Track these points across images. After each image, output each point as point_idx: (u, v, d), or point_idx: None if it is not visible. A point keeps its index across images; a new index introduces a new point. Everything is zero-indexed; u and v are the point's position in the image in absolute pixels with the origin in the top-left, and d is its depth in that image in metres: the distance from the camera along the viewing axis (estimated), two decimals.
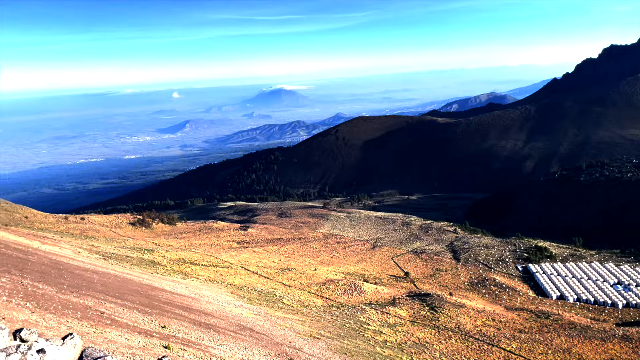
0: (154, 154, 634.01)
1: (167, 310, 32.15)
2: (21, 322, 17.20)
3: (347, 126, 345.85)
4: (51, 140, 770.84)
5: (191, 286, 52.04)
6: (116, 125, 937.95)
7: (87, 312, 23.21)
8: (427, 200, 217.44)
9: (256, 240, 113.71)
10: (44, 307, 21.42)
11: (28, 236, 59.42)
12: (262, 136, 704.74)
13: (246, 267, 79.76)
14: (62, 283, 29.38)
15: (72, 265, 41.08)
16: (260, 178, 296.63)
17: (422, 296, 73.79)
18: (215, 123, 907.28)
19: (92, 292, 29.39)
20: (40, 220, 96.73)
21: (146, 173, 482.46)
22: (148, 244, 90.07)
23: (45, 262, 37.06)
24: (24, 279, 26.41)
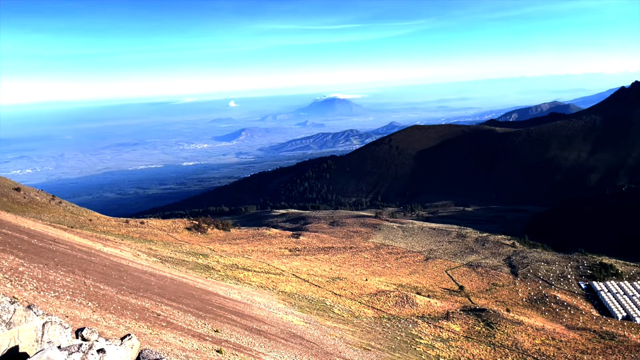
0: (211, 161, 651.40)
1: (220, 315, 32.68)
2: (83, 321, 17.89)
3: (401, 135, 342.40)
4: (115, 147, 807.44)
5: (243, 292, 52.76)
6: (175, 132, 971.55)
7: (144, 314, 23.91)
8: (483, 212, 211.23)
9: (307, 248, 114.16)
10: (105, 307, 22.24)
11: (91, 238, 62.25)
12: (315, 144, 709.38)
13: (297, 274, 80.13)
14: (122, 284, 30.48)
15: (132, 267, 42.62)
16: (312, 186, 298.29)
17: (478, 311, 71.48)
18: (270, 131, 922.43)
19: (150, 294, 30.31)
20: (102, 223, 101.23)
21: (203, 179, 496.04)
22: (203, 249, 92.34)
23: (106, 263, 38.62)
24: (87, 279, 27.58)
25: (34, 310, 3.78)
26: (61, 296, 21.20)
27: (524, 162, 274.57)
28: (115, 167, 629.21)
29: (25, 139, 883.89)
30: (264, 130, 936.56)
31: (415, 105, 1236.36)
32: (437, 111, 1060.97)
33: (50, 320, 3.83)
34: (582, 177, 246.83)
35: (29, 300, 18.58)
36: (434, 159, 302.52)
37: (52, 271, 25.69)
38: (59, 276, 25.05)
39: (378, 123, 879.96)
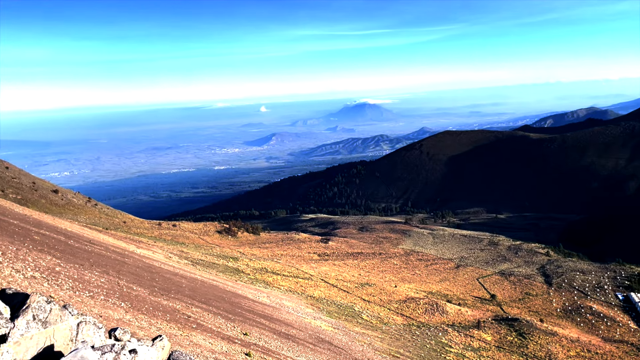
0: (242, 165, 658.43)
1: (249, 318, 32.89)
2: (116, 321, 18.26)
3: (432, 140, 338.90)
4: (149, 151, 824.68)
5: (272, 295, 52.99)
6: (207, 137, 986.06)
7: (175, 315, 24.26)
8: (516, 220, 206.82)
9: (336, 253, 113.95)
10: (137, 307, 22.66)
11: (125, 240, 63.62)
12: (345, 150, 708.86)
13: (326, 279, 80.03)
14: (154, 286, 31.02)
15: (164, 269, 43.34)
16: (342, 191, 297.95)
17: (510, 321, 69.90)
18: (300, 136, 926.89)
19: (181, 296, 30.75)
20: (136, 226, 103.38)
21: (233, 183, 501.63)
22: (233, 252, 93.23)
23: (139, 265, 39.39)
24: (120, 280, 28.16)
25: (69, 310, 3.86)
26: (95, 296, 21.71)
27: (559, 169, 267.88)
28: (149, 170, 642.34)
29: (64, 142, 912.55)
30: (294, 135, 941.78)
31: (447, 111, 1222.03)
32: (469, 116, 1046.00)
33: (84, 320, 3.90)
34: (620, 184, 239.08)
35: (65, 300, 19.09)
36: (465, 165, 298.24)
37: (87, 271, 26.34)
38: (93, 276, 25.66)
39: (409, 128, 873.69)
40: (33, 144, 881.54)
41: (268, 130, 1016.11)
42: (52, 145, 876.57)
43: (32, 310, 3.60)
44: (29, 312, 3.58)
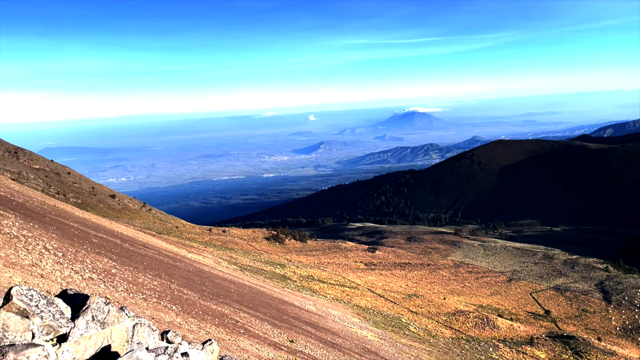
0: (290, 173, 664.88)
1: (295, 325, 33.00)
2: (167, 324, 18.74)
3: (484, 150, 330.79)
4: (201, 158, 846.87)
5: (318, 303, 53.00)
6: (257, 145, 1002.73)
7: (223, 320, 24.66)
8: (573, 233, 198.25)
9: (383, 263, 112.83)
10: (187, 311, 23.20)
11: (177, 244, 65.43)
12: (394, 158, 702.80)
13: (373, 289, 79.33)
14: (204, 290, 31.68)
15: (213, 274, 44.22)
16: (389, 200, 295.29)
17: (565, 338, 66.90)
18: (348, 145, 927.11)
19: (229, 301, 31.25)
20: (188, 231, 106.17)
21: (282, 191, 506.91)
22: (280, 259, 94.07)
23: (190, 269, 40.37)
24: (172, 283, 28.94)
25: (125, 311, 3.98)
26: (148, 299, 22.39)
27: (619, 180, 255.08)
28: (201, 177, 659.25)
29: (122, 149, 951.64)
30: (342, 143, 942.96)
31: (500, 119, 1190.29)
32: (523, 125, 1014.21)
33: (139, 322, 4.02)
34: None
35: (120, 301, 19.79)
36: (519, 176, 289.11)
37: (141, 274, 27.23)
38: (147, 279, 26.50)
39: (459, 137, 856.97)
40: (93, 151, 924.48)
41: (316, 139, 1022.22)
42: (110, 152, 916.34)
43: (91, 311, 3.74)
44: (88, 313, 3.72)
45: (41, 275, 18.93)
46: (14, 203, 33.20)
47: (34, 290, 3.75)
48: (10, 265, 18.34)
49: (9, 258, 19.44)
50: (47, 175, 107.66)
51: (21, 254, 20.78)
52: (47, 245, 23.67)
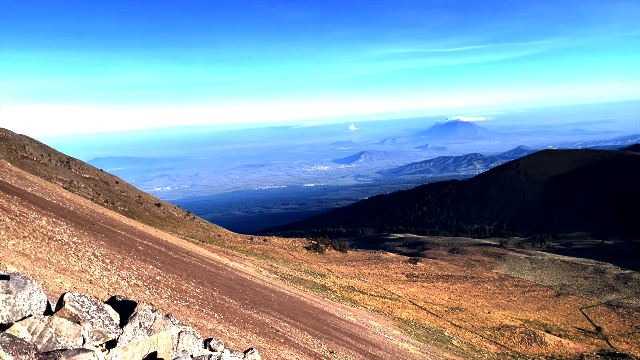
0: (330, 182, 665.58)
1: (335, 336, 32.81)
2: (209, 331, 18.99)
3: (530, 160, 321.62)
4: (243, 168, 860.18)
5: (359, 315, 52.57)
6: (298, 155, 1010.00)
7: (264, 328, 24.79)
8: (626, 247, 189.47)
9: (425, 274, 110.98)
10: (229, 319, 23.45)
11: (219, 253, 66.45)
12: (436, 168, 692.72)
13: (414, 301, 78.08)
14: (245, 298, 31.99)
15: (254, 282, 44.62)
16: (431, 211, 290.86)
17: (617, 356, 63.77)
18: (389, 154, 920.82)
19: (269, 310, 31.42)
20: (230, 239, 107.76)
21: (322, 200, 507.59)
22: (320, 268, 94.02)
23: (231, 277, 40.88)
24: (214, 291, 29.36)
25: (171, 319, 4.04)
26: (191, 306, 22.79)
27: None
28: (243, 186, 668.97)
29: (167, 159, 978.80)
30: (383, 153, 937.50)
31: (547, 128, 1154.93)
32: (572, 135, 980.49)
33: (184, 330, 4.07)
34: None
35: (164, 308, 20.22)
36: (567, 186, 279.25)
37: (184, 282, 27.77)
38: (190, 287, 27.00)
39: (504, 147, 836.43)
40: (140, 161, 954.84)
41: (357, 149, 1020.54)
42: (157, 161, 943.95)
43: (139, 317, 3.82)
44: (136, 320, 3.80)
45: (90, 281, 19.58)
46: (65, 211, 34.58)
47: (85, 297, 3.86)
48: (61, 271, 19.06)
49: (60, 264, 20.22)
50: (96, 184, 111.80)
51: (71, 260, 21.58)
52: (95, 252, 24.50)
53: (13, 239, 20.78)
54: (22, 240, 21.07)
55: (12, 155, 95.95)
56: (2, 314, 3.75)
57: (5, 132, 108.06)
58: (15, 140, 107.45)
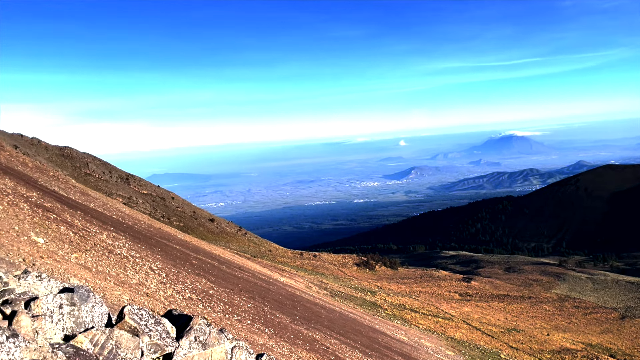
0: (380, 198, 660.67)
1: (386, 355, 32.23)
2: (260, 346, 19.12)
3: (590, 175, 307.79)
4: (294, 184, 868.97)
5: (410, 333, 51.49)
6: (347, 171, 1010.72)
7: (314, 345, 24.70)
8: None
9: (479, 294, 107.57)
10: (279, 334, 23.54)
11: (270, 268, 67.09)
12: (490, 184, 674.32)
13: (468, 321, 75.71)
14: (295, 314, 32.04)
15: (304, 298, 44.66)
16: (485, 228, 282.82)
17: None
18: (440, 170, 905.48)
19: (319, 327, 31.30)
20: (280, 254, 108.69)
21: (372, 217, 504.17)
22: (371, 285, 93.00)
23: (282, 293, 41.10)
24: (265, 306, 29.60)
25: (224, 333, 4.10)
26: (243, 320, 23.05)
27: None
28: (293, 202, 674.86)
29: (221, 175, 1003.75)
30: (434, 168, 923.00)
31: (608, 143, 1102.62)
32: (636, 149, 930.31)
33: (237, 345, 4.12)
34: None
35: (216, 322, 20.55)
36: (632, 203, 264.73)
37: (236, 296, 28.16)
38: (241, 301, 27.34)
39: (562, 162, 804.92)
40: (195, 177, 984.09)
41: (407, 164, 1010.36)
42: (211, 178, 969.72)
43: (194, 332, 3.90)
44: (191, 334, 3.89)
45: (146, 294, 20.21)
46: (124, 225, 35.99)
47: (144, 310, 3.99)
48: (120, 284, 19.79)
49: (119, 277, 21.00)
50: (153, 199, 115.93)
51: (129, 273, 22.37)
52: (152, 265, 25.30)
53: (76, 252, 21.80)
54: (84, 253, 22.07)
55: (76, 172, 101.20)
56: (67, 325, 3.93)
57: (70, 151, 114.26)
58: (79, 158, 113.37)
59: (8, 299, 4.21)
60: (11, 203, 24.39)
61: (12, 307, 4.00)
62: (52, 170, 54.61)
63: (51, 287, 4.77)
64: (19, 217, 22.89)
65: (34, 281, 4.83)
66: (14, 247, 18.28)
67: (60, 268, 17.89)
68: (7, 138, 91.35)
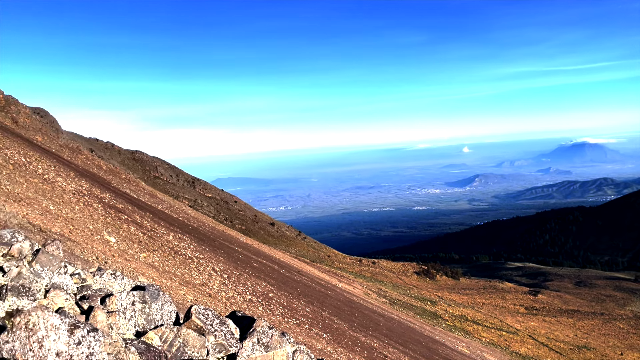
0: (442, 206, 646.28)
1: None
2: (318, 351, 19.19)
3: None
4: (353, 190, 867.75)
5: (472, 346, 49.93)
6: (408, 178, 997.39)
7: (372, 353, 24.48)
8: None
9: (547, 308, 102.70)
10: (337, 340, 23.52)
11: (328, 273, 67.26)
12: (559, 194, 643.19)
13: (534, 336, 72.44)
14: (353, 321, 31.91)
15: (362, 305, 44.41)
16: (554, 239, 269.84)
17: None
18: (506, 178, 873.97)
19: (377, 334, 31.00)
20: (339, 260, 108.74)
21: (433, 225, 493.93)
22: (431, 295, 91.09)
23: (340, 298, 41.08)
24: (323, 311, 29.69)
25: (286, 337, 4.16)
26: (301, 325, 23.23)
27: None
28: (352, 208, 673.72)
29: (281, 180, 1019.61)
30: (500, 176, 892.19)
31: None
32: None
33: (299, 349, 4.17)
34: None
35: (275, 325, 20.85)
36: None
37: (295, 300, 28.44)
38: (300, 305, 27.58)
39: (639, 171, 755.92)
40: (257, 182, 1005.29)
41: (471, 172, 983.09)
42: (272, 182, 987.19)
43: (257, 334, 3.99)
44: (254, 335, 3.97)
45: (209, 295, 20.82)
46: (189, 227, 37.31)
47: (210, 310, 4.12)
48: (184, 284, 20.51)
49: (184, 277, 21.78)
50: (217, 203, 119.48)
51: (193, 274, 23.15)
52: (215, 267, 26.05)
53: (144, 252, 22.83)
54: (151, 253, 23.08)
55: (145, 176, 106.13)
56: (138, 322, 4.13)
57: (141, 154, 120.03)
58: (149, 161, 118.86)
59: (85, 294, 4.48)
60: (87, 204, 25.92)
61: (89, 302, 4.25)
62: (124, 173, 57.60)
63: (124, 285, 5.03)
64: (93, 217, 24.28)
65: (109, 279, 5.11)
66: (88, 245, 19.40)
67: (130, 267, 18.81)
68: (84, 142, 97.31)
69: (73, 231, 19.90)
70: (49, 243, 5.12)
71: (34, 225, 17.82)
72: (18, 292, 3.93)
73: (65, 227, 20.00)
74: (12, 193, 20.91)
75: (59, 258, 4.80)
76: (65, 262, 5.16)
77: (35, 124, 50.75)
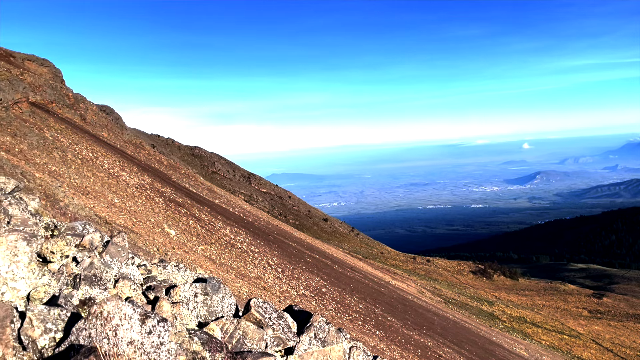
0: (500, 204, 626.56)
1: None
2: (371, 348, 19.16)
3: None
4: (407, 186, 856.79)
5: (531, 349, 48.28)
6: (465, 174, 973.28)
7: (426, 352, 24.17)
8: None
9: (613, 312, 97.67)
10: (390, 337, 23.39)
11: (382, 270, 66.88)
12: (628, 192, 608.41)
13: (598, 341, 69.12)
14: (406, 319, 31.61)
15: (416, 303, 43.89)
16: (622, 240, 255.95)
17: None
18: (570, 175, 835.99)
19: (432, 333, 30.56)
20: (392, 257, 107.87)
21: (490, 223, 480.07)
22: (488, 295, 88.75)
23: (393, 296, 40.78)
24: (376, 308, 29.58)
25: (343, 333, 4.20)
26: (354, 320, 23.27)
27: None
28: (406, 205, 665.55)
29: (335, 176, 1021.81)
30: (563, 174, 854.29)
31: None
32: None
33: (355, 346, 4.20)
34: None
35: (328, 320, 20.96)
36: None
37: (347, 296, 28.50)
38: (353, 301, 27.61)
39: None
40: (311, 177, 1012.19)
41: (531, 168, 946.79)
42: (325, 178, 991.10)
43: (314, 328, 4.06)
44: (311, 330, 4.04)
45: (264, 288, 21.23)
46: (245, 222, 38.14)
47: (268, 304, 4.23)
48: (240, 276, 21.02)
49: (240, 270, 22.31)
50: (272, 198, 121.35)
51: (249, 267, 23.67)
52: (269, 261, 26.53)
53: (202, 244, 23.56)
54: (209, 246, 23.78)
55: (204, 171, 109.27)
56: (200, 313, 4.30)
57: (199, 150, 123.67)
58: (207, 157, 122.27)
59: (151, 285, 4.71)
60: (148, 197, 27.04)
61: (154, 293, 4.47)
62: (183, 168, 59.56)
63: (187, 276, 5.24)
64: (154, 210, 25.30)
65: (172, 270, 5.34)
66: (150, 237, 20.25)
67: (189, 259, 19.47)
68: (147, 138, 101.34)
69: (136, 224, 20.83)
70: (116, 235, 5.40)
71: (100, 217, 18.81)
72: (90, 281, 4.19)
73: (129, 219, 20.96)
74: (81, 186, 22.13)
75: (125, 249, 5.06)
76: (132, 254, 5.44)
77: (101, 120, 53.38)
